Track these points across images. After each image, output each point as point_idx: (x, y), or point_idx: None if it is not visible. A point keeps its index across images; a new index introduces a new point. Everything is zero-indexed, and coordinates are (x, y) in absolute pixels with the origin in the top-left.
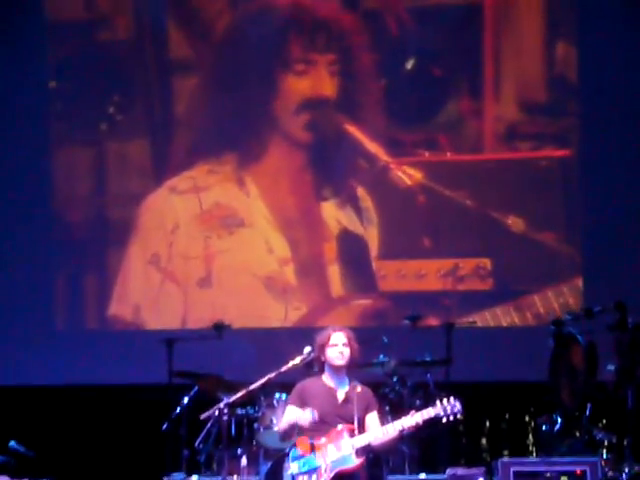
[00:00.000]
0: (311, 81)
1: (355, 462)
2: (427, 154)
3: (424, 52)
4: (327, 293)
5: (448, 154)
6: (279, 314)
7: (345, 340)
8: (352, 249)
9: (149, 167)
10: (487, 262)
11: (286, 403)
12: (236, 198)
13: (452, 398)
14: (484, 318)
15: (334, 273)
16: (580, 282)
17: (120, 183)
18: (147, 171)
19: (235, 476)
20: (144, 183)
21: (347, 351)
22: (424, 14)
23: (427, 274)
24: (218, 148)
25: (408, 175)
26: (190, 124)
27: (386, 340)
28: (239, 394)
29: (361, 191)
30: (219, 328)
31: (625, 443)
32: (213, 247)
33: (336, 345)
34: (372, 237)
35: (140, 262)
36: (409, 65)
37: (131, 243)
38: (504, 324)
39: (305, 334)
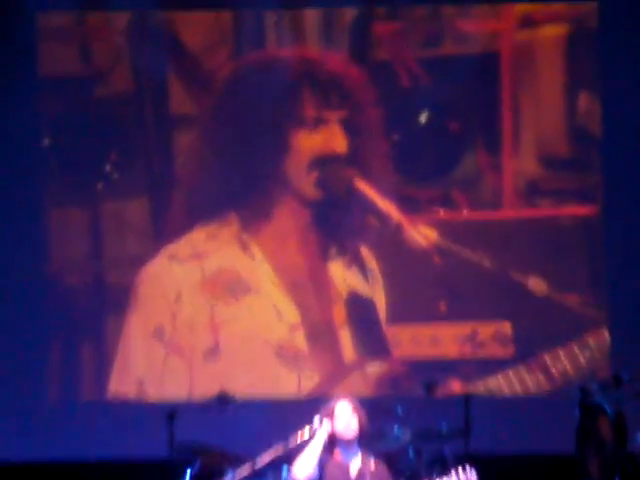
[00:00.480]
0: (322, 137)
1: None
2: (442, 212)
3: (438, 105)
4: (339, 359)
5: (465, 212)
6: (291, 383)
7: (351, 410)
8: (362, 312)
9: (148, 228)
10: (507, 326)
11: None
12: (240, 262)
13: (467, 467)
14: (505, 385)
15: (345, 338)
16: (606, 336)
17: (117, 246)
18: (146, 233)
19: None
20: (143, 245)
21: (354, 422)
22: (437, 65)
23: (443, 339)
24: (220, 209)
25: (422, 234)
26: (190, 183)
27: (400, 411)
28: (245, 469)
29: (371, 251)
30: (223, 400)
31: None
32: (220, 316)
33: (342, 416)
34: (383, 300)
35: (142, 335)
36: (422, 118)
37: (131, 313)
38: (526, 390)
39: (318, 404)
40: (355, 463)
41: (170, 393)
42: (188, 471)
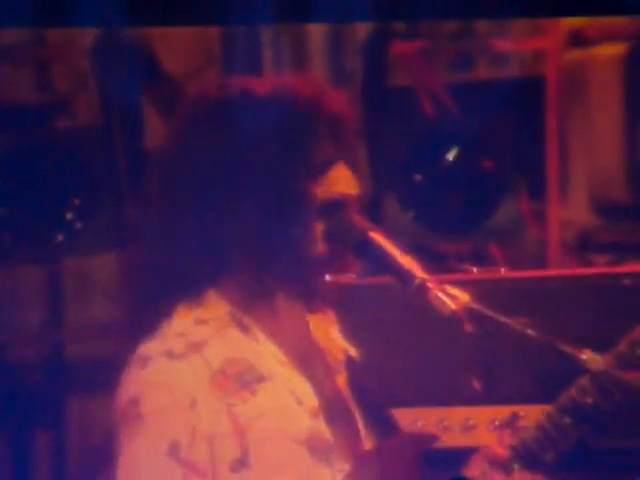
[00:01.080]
0: (329, 180)
1: None
2: (476, 270)
3: (469, 139)
4: (360, 443)
5: (502, 270)
6: None
7: None
8: (373, 388)
9: (119, 290)
10: None
11: None
12: (246, 347)
13: None
14: None
15: (357, 415)
16: None
17: (82, 312)
18: (115, 296)
19: None
20: (113, 311)
21: None
22: (468, 92)
23: (477, 425)
24: (206, 284)
25: (451, 297)
26: (157, 246)
27: None
28: None
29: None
30: None
31: None
32: (242, 416)
33: None
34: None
35: (152, 454)
36: (450, 156)
37: (132, 432)
38: None
39: None
40: None
41: None
42: None
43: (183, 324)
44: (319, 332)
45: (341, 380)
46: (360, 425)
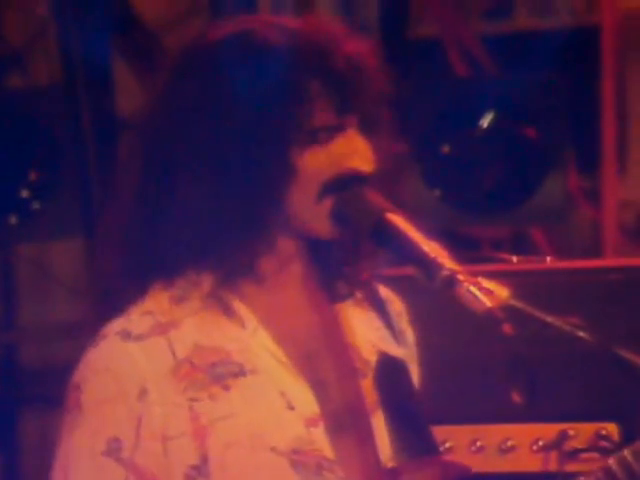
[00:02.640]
0: (337, 153)
1: None
2: (515, 259)
3: (508, 104)
4: (375, 462)
5: (548, 259)
6: None
7: None
8: (400, 389)
9: (83, 283)
10: (612, 428)
11: None
12: (225, 333)
13: None
14: None
15: (380, 427)
16: None
17: (38, 308)
18: (79, 289)
19: None
20: (75, 308)
21: None
22: (506, 45)
23: (518, 446)
24: (185, 259)
25: (486, 292)
26: (136, 220)
27: None
28: None
29: (411, 314)
30: None
31: None
32: (205, 415)
33: None
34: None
35: (88, 454)
36: (485, 123)
37: (74, 425)
38: None
39: None
40: None
41: None
42: None
43: (155, 302)
44: (347, 327)
45: (366, 384)
46: (383, 441)
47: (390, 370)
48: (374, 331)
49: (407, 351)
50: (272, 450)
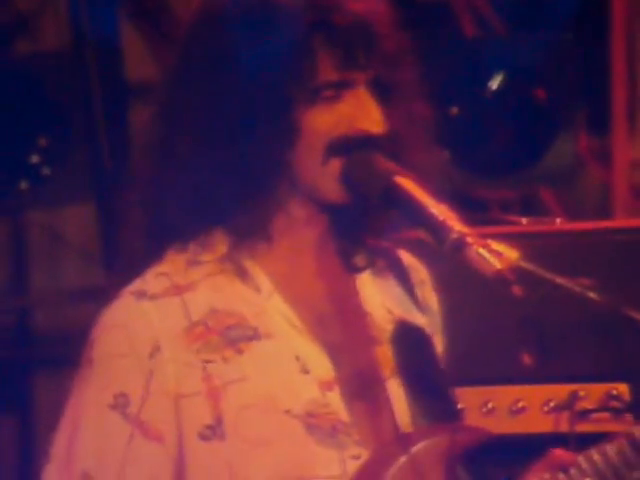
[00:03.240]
0: (345, 110)
1: None
2: (525, 221)
3: (518, 64)
4: (392, 427)
5: (558, 220)
6: (331, 468)
7: None
8: (419, 353)
9: (94, 248)
10: (623, 388)
11: None
12: (240, 297)
13: None
14: None
15: (398, 393)
16: None
17: (50, 273)
18: (91, 254)
19: None
20: (87, 273)
21: None
22: (517, 5)
23: (528, 407)
24: (200, 223)
25: (496, 254)
26: (153, 185)
27: None
28: None
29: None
30: None
31: None
32: (219, 377)
33: None
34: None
35: (95, 407)
36: (494, 84)
37: (83, 378)
38: None
39: None
40: None
41: None
42: None
43: (171, 265)
44: (364, 294)
45: (381, 351)
46: (401, 408)
47: (409, 338)
48: (393, 299)
49: (430, 319)
50: (286, 413)
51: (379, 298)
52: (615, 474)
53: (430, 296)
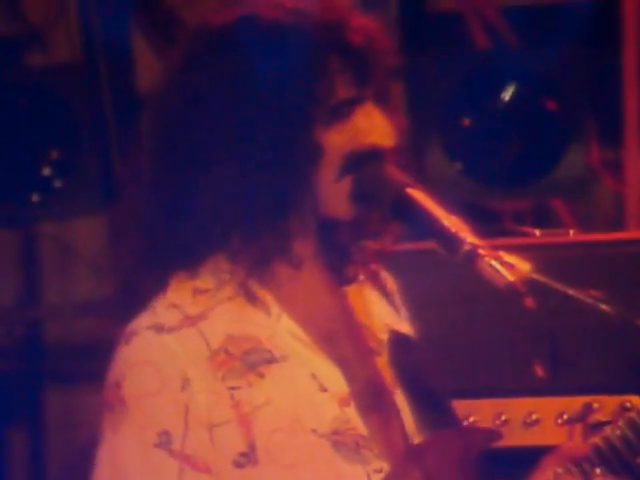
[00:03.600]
0: (358, 128)
1: None
2: (537, 232)
3: (530, 76)
4: (403, 437)
5: (571, 232)
6: None
7: None
8: (416, 365)
9: (106, 261)
10: (636, 400)
11: None
12: (253, 321)
13: None
14: None
15: (402, 403)
16: None
17: (62, 284)
18: (104, 267)
19: None
20: (99, 286)
21: None
22: (529, 17)
23: (542, 419)
24: (206, 248)
25: (508, 265)
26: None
27: None
28: None
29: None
30: None
31: None
32: (246, 403)
33: None
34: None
35: (138, 448)
36: (507, 96)
37: (115, 420)
38: None
39: None
40: None
41: None
42: None
43: (178, 295)
44: (357, 306)
45: (382, 362)
46: (406, 418)
47: (403, 347)
48: (383, 309)
49: (409, 327)
50: (313, 432)
51: (372, 310)
52: (620, 460)
53: (402, 305)
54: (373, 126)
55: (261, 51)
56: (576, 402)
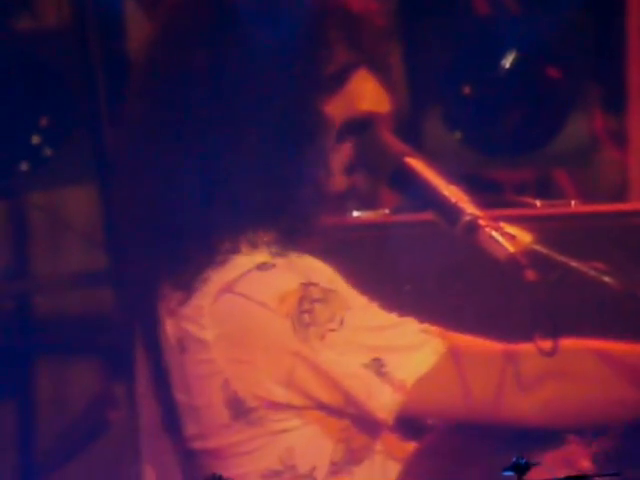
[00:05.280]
0: (352, 94)
1: None
2: (539, 203)
3: (531, 43)
4: None
5: (573, 203)
6: None
7: None
8: None
9: (97, 232)
10: None
11: None
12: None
13: None
14: None
15: None
16: None
17: (53, 256)
18: (94, 238)
19: None
20: (90, 257)
21: None
22: None
23: None
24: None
25: (509, 237)
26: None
27: None
28: None
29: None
30: None
31: None
32: None
33: None
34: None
35: None
36: (507, 63)
37: None
38: None
39: None
40: None
41: None
42: None
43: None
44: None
45: None
46: None
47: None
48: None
49: None
50: None
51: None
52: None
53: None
54: (367, 92)
55: (259, 19)
56: None
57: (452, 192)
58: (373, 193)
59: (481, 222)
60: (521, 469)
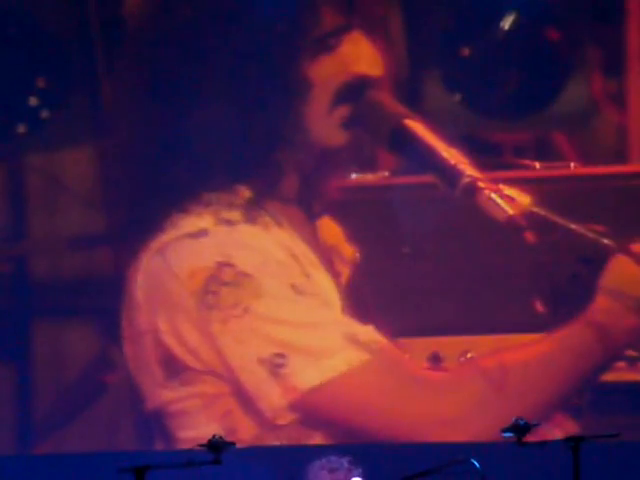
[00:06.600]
0: (346, 57)
1: None
2: (538, 165)
3: (530, 4)
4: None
5: (572, 165)
6: None
7: None
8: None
9: (95, 195)
10: None
11: None
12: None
13: None
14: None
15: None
16: None
17: (49, 218)
18: (92, 200)
19: None
20: (88, 219)
21: None
22: None
23: None
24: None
25: (508, 199)
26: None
27: (478, 465)
28: None
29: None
30: (217, 447)
31: None
32: None
33: None
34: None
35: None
36: (506, 24)
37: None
38: None
39: None
40: None
41: None
42: None
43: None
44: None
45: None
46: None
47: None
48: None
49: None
50: None
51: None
52: None
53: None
54: (361, 55)
55: None
56: None
57: (451, 154)
58: (372, 155)
59: (480, 184)
60: (520, 430)
